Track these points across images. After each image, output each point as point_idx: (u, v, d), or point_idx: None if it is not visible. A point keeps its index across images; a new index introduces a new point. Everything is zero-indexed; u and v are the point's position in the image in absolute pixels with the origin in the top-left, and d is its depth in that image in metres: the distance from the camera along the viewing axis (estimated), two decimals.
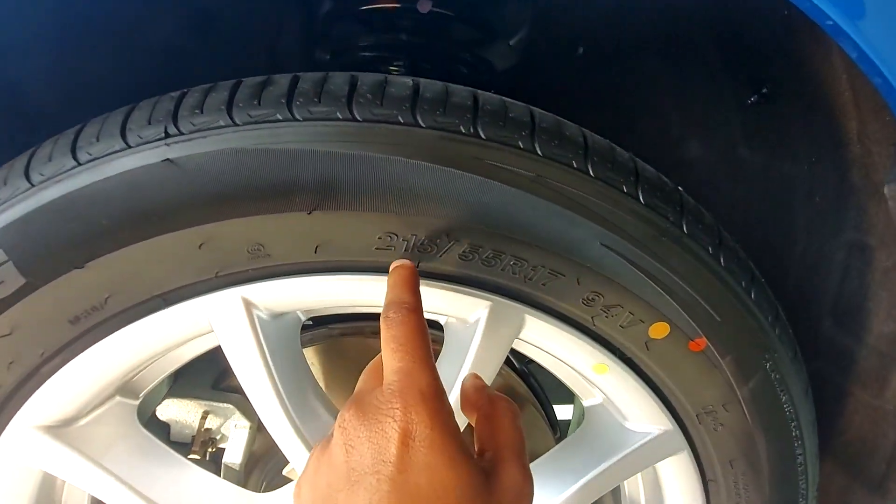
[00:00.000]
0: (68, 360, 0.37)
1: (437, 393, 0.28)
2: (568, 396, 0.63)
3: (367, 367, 0.33)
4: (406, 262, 0.34)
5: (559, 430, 0.62)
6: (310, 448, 0.41)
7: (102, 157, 0.33)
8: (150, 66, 0.65)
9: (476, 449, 0.30)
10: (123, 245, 0.33)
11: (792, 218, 0.65)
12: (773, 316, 0.42)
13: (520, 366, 0.61)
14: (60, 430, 0.41)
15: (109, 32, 0.61)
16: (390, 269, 0.34)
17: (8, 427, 0.39)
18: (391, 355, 0.29)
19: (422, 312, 0.31)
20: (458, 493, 0.26)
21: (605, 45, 0.75)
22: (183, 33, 0.67)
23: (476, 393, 0.32)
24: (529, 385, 0.61)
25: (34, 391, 0.38)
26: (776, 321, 0.42)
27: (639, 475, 0.53)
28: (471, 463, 0.27)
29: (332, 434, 0.28)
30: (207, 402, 0.50)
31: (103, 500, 0.43)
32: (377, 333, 0.55)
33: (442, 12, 0.64)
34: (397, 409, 0.27)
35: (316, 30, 0.69)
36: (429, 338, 0.30)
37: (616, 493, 0.58)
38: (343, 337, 0.55)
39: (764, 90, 0.62)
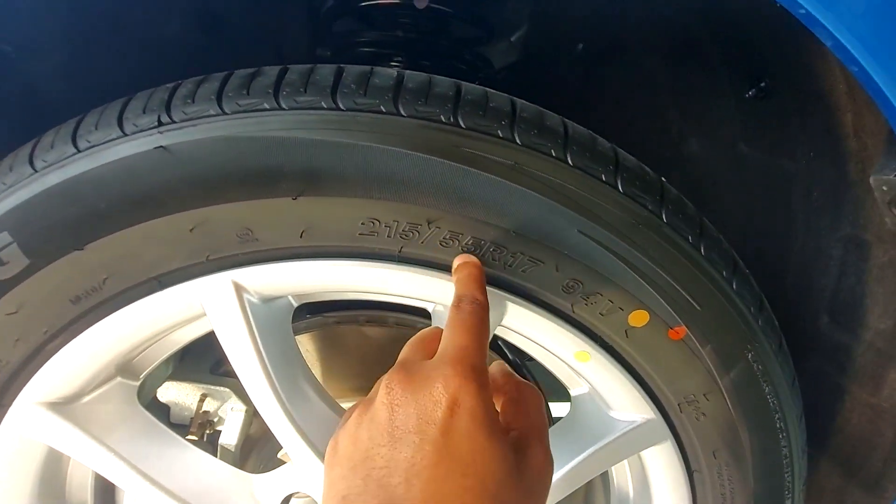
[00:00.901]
0: (70, 339, 0.39)
1: (485, 373, 0.30)
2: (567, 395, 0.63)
3: (411, 339, 0.35)
4: (473, 258, 0.36)
5: (552, 422, 0.62)
6: (300, 431, 0.42)
7: (100, 144, 0.35)
8: (158, 63, 0.67)
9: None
10: (120, 228, 0.35)
11: (790, 213, 0.64)
12: (756, 307, 0.42)
13: (513, 358, 0.62)
14: (64, 406, 0.43)
15: (120, 32, 0.64)
16: (458, 264, 0.36)
17: (14, 403, 0.41)
18: (456, 332, 0.32)
19: (488, 310, 0.34)
20: (492, 464, 0.28)
21: (603, 42, 0.76)
22: (190, 33, 0.69)
23: (503, 377, 0.35)
24: (517, 368, 0.61)
25: (38, 368, 0.40)
26: (760, 312, 0.43)
27: (626, 466, 0.54)
28: (505, 440, 0.29)
29: (375, 394, 0.30)
30: (205, 386, 0.52)
31: (105, 477, 0.45)
32: (371, 321, 0.57)
33: (440, 9, 0.65)
34: (449, 376, 0.29)
35: (318, 27, 0.71)
36: (489, 336, 0.33)
37: (606, 484, 0.58)
38: (337, 325, 0.56)
39: (762, 84, 0.62)
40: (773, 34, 0.57)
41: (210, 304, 0.39)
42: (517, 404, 0.33)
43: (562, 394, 0.66)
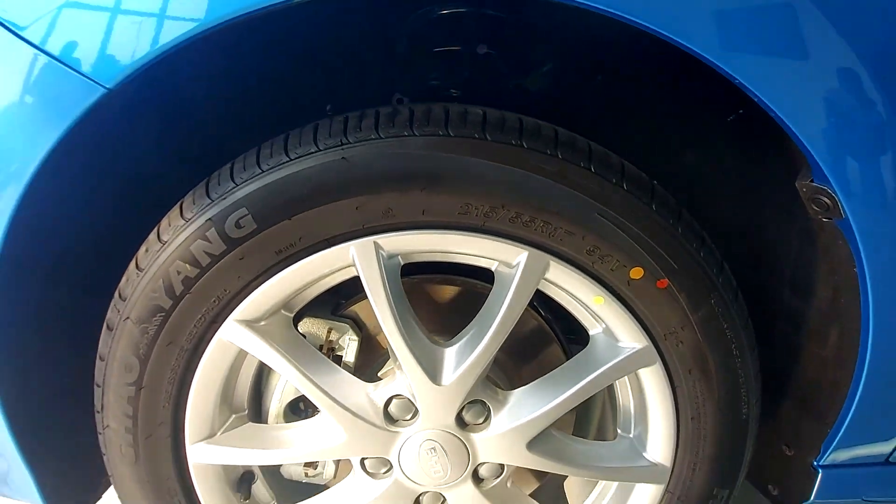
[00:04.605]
0: (268, 279, 0.61)
1: None
2: None
3: None
4: None
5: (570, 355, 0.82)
6: (410, 348, 0.63)
7: (304, 155, 0.57)
8: (277, 96, 0.89)
9: None
10: (314, 207, 0.57)
11: (762, 209, 0.84)
12: (717, 269, 0.62)
13: (545, 315, 0.83)
14: (252, 324, 0.65)
15: (249, 77, 0.85)
16: None
17: (226, 320, 0.63)
18: None
19: None
20: None
21: (617, 76, 0.96)
22: (298, 74, 0.90)
23: None
24: (551, 327, 0.82)
25: (245, 297, 0.62)
26: (720, 272, 0.63)
27: (628, 390, 0.74)
28: None
29: None
30: (331, 322, 0.74)
31: (275, 370, 0.67)
32: (445, 282, 0.78)
33: (492, 52, 0.86)
34: None
35: (395, 67, 0.93)
36: None
37: (614, 406, 0.78)
38: (419, 284, 0.78)
39: (741, 111, 0.82)
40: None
41: (359, 257, 0.61)
42: None
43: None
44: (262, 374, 0.75)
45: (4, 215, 0.56)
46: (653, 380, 0.68)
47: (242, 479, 0.77)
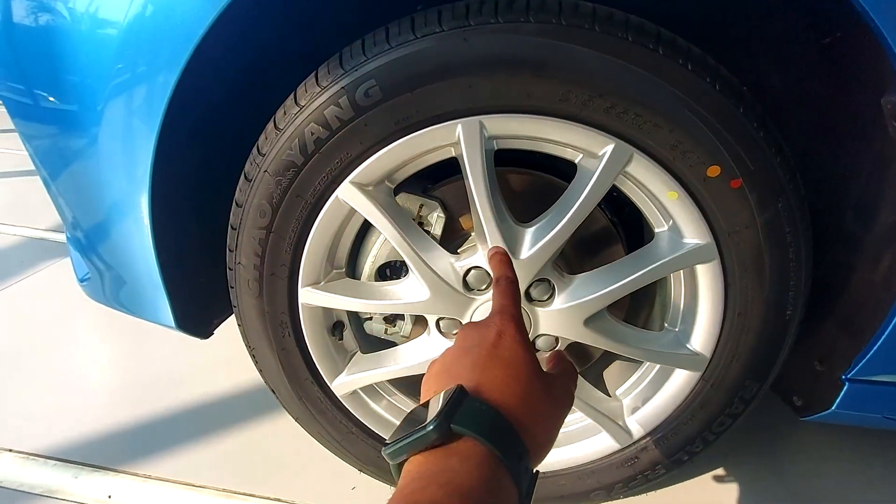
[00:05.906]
0: (383, 147, 0.71)
1: (521, 320, 0.49)
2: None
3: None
4: (501, 248, 0.57)
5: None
6: (496, 218, 0.73)
7: (429, 34, 0.64)
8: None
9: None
10: (432, 83, 0.65)
11: (840, 135, 0.86)
12: (790, 177, 0.67)
13: (611, 217, 0.90)
14: (364, 188, 0.75)
15: None
16: (491, 254, 0.57)
17: (344, 181, 0.74)
18: (499, 298, 0.52)
19: (518, 283, 0.54)
20: (525, 367, 0.45)
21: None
22: None
23: (560, 354, 0.57)
24: (616, 229, 0.90)
25: (362, 162, 0.72)
26: (792, 180, 0.68)
27: (682, 286, 0.82)
28: (536, 359, 0.46)
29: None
30: (422, 199, 0.84)
31: (372, 236, 0.78)
32: (516, 173, 0.86)
33: None
34: (497, 320, 0.48)
35: None
36: (520, 299, 0.53)
37: (665, 304, 0.87)
38: (503, 174, 0.86)
39: (838, 34, 0.82)
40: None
41: (464, 134, 0.69)
42: (560, 362, 0.53)
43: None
44: (360, 240, 0.87)
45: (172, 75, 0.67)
46: (708, 276, 0.75)
47: (335, 326, 0.91)
